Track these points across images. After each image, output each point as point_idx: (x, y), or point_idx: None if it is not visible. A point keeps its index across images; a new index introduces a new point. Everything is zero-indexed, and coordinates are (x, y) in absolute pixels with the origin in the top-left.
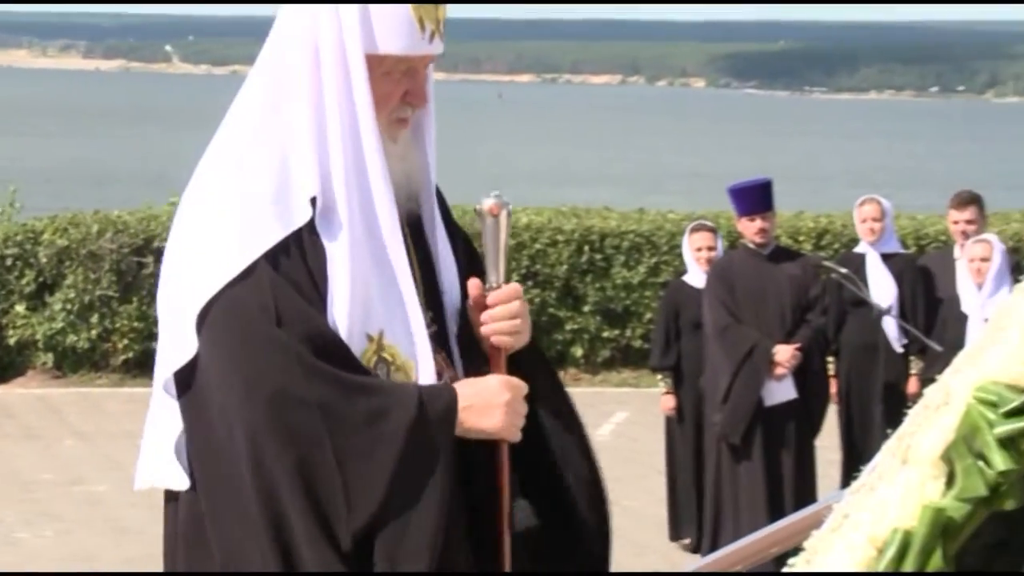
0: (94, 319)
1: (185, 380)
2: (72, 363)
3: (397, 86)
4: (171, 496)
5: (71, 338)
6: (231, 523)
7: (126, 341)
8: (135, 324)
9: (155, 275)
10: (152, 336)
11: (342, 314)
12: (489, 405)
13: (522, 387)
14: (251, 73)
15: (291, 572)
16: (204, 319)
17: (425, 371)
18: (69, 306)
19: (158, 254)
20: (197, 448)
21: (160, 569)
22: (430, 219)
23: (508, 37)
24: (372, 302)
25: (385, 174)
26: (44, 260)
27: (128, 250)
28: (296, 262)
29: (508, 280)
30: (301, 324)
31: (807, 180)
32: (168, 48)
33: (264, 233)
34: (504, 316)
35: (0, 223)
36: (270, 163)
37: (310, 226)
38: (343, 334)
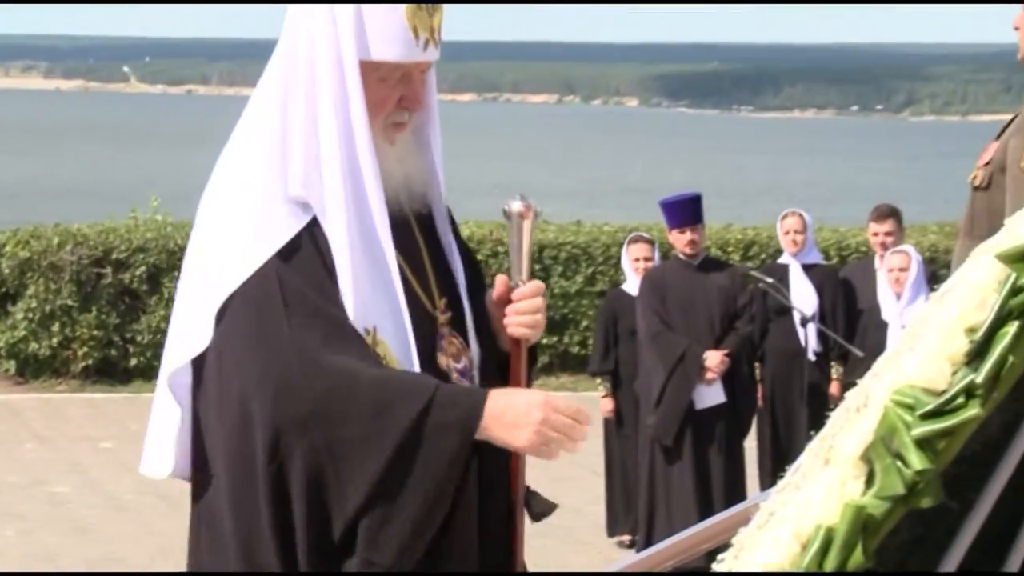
0: (55, 328)
1: (198, 370)
2: (34, 370)
3: (393, 91)
4: (192, 482)
5: (32, 346)
6: (242, 505)
7: (86, 349)
8: (94, 332)
9: (113, 285)
10: (111, 344)
11: (346, 308)
12: (519, 422)
13: (563, 407)
14: (263, 77)
15: (290, 557)
16: (223, 313)
17: (403, 358)
18: (31, 315)
19: (116, 265)
20: (209, 434)
21: (119, 568)
22: (440, 215)
23: (451, 58)
24: (367, 298)
25: (376, 176)
26: (6, 271)
27: (87, 261)
28: (312, 255)
29: (531, 277)
30: (317, 317)
31: (735, 194)
32: (125, 69)
33: (278, 230)
34: (528, 311)
35: None
36: (276, 164)
37: (316, 223)
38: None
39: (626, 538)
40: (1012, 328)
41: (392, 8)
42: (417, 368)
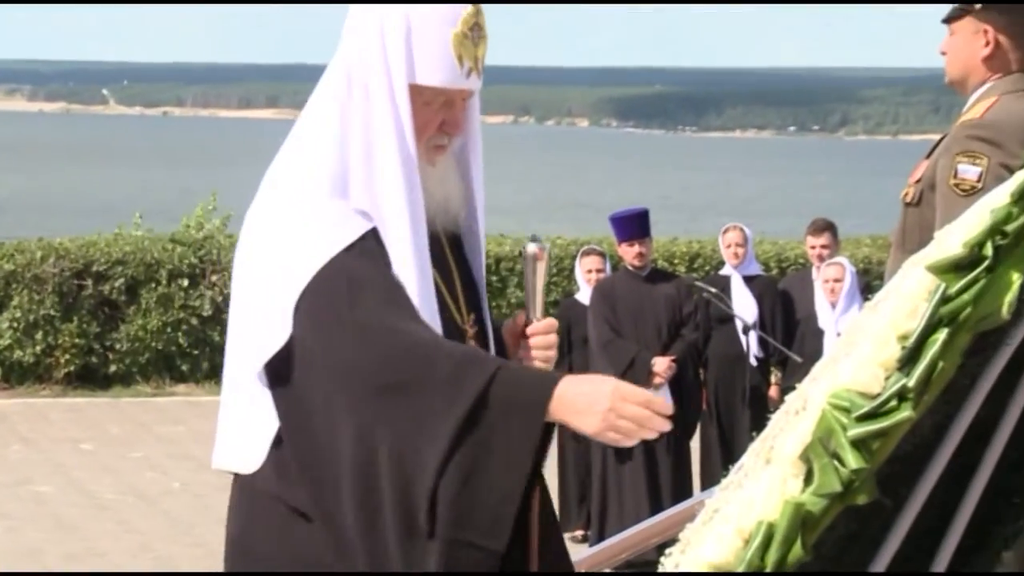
0: (38, 336)
1: (278, 364)
2: (18, 376)
3: (435, 115)
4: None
5: (18, 353)
6: (364, 501)
7: (68, 356)
8: (76, 340)
9: (94, 296)
10: (91, 351)
11: None
12: (590, 408)
13: (631, 396)
14: (316, 94)
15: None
16: (298, 308)
17: None
18: (16, 324)
19: (96, 277)
20: (296, 426)
21: (99, 563)
22: (473, 235)
23: None
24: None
25: (420, 194)
26: None
27: (69, 274)
28: (379, 252)
29: (546, 313)
30: (391, 298)
31: (681, 209)
32: (105, 92)
33: (346, 230)
34: (542, 346)
35: None
36: (338, 177)
37: (376, 232)
38: None
39: (579, 533)
40: (942, 335)
41: (440, 36)
42: None
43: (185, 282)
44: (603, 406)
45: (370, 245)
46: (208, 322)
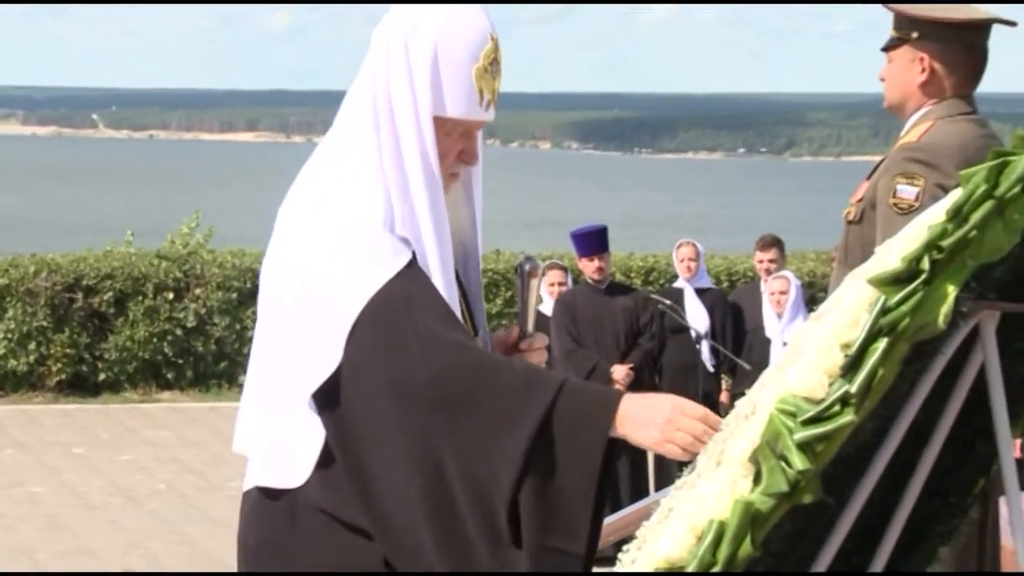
0: (31, 346)
1: (331, 387)
2: (13, 384)
3: (454, 145)
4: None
5: (12, 362)
6: (437, 515)
7: (59, 365)
8: (67, 350)
9: (84, 309)
10: (82, 360)
11: None
12: (651, 421)
13: (689, 411)
14: (342, 120)
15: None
16: (353, 333)
17: None
18: (10, 335)
19: (86, 291)
20: (352, 443)
21: (89, 559)
22: (474, 260)
23: None
24: None
25: (447, 222)
26: None
27: (60, 287)
28: (426, 276)
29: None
30: (445, 318)
31: (637, 226)
32: (94, 116)
33: (394, 257)
34: (536, 360)
35: None
36: (379, 203)
37: (415, 258)
38: None
39: None
40: (882, 344)
41: (464, 70)
42: None
43: (170, 295)
44: (662, 419)
45: (416, 270)
46: (192, 333)
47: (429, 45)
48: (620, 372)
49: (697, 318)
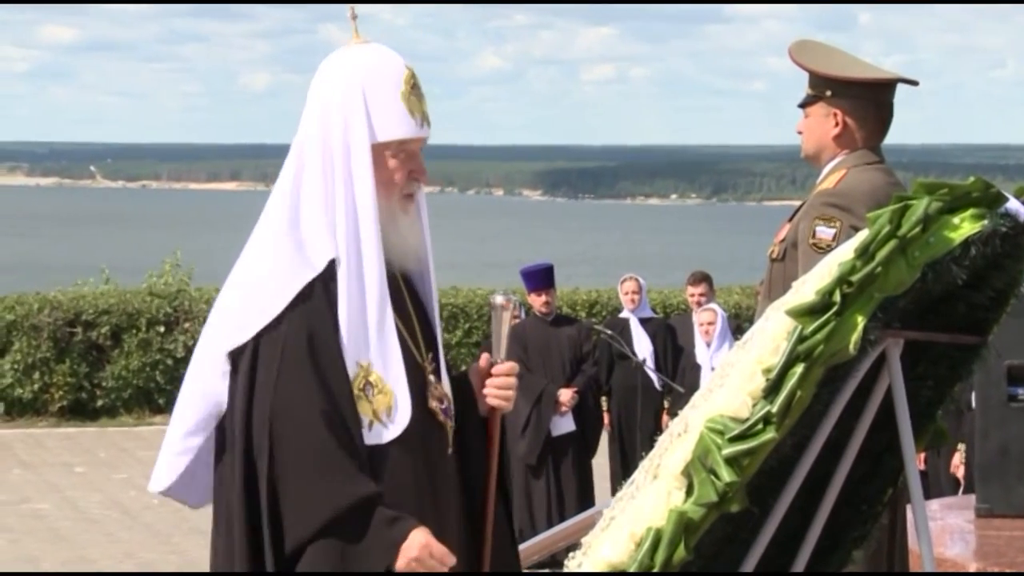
0: (36, 376)
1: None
2: (19, 409)
3: (402, 166)
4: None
5: (18, 390)
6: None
7: (61, 392)
8: (68, 379)
9: (83, 341)
10: (82, 388)
11: (342, 344)
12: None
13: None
14: (289, 157)
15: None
16: (237, 358)
17: (401, 396)
18: (16, 366)
19: (85, 325)
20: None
21: (89, 569)
22: (428, 278)
23: None
24: (363, 339)
25: (378, 241)
26: None
27: (62, 322)
28: (320, 302)
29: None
30: (311, 374)
31: (582, 263)
32: (92, 168)
33: (289, 284)
34: (503, 386)
35: None
36: (292, 228)
37: (330, 276)
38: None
39: None
40: (799, 369)
41: (391, 96)
42: (407, 394)
43: (162, 329)
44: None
45: (314, 298)
46: (182, 363)
47: (357, 86)
48: (566, 395)
49: (642, 345)
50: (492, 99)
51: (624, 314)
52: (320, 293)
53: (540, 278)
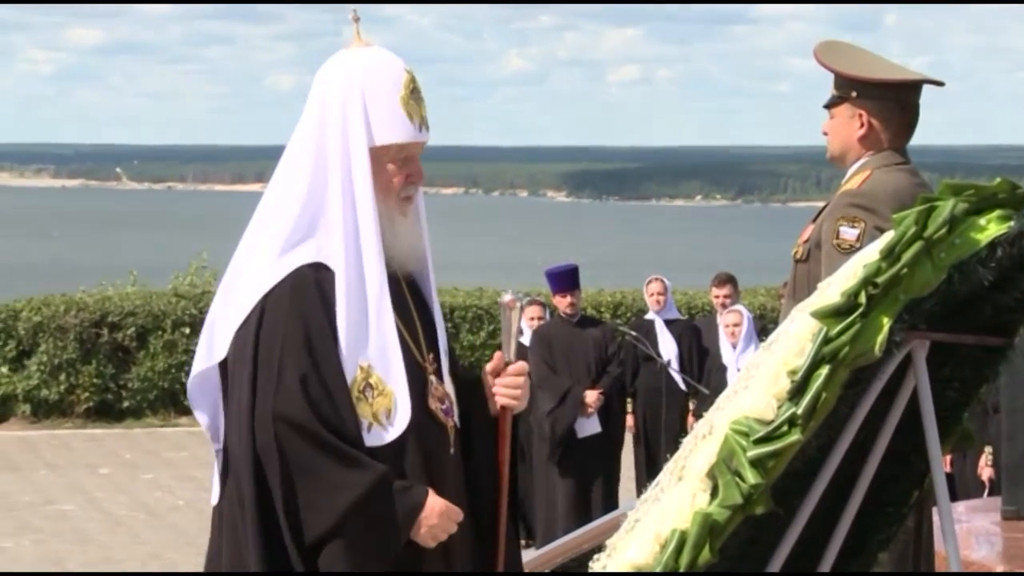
0: (62, 377)
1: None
2: (45, 411)
3: (401, 170)
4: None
5: (44, 392)
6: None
7: (87, 394)
8: (94, 381)
9: (109, 343)
10: (107, 390)
11: (341, 345)
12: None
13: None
14: (284, 156)
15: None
16: (233, 346)
17: (401, 398)
18: (43, 368)
19: (111, 327)
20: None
21: (114, 570)
22: (429, 279)
23: None
24: (363, 340)
25: (378, 243)
26: (23, 332)
27: (88, 324)
28: (316, 300)
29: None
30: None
31: (607, 265)
32: (118, 169)
33: (288, 279)
34: (512, 385)
35: None
36: (296, 230)
37: (327, 277)
38: (343, 361)
39: (522, 541)
40: (824, 371)
41: (391, 100)
42: (407, 396)
43: (187, 330)
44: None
45: (309, 293)
46: None
47: (357, 91)
48: (592, 396)
49: (667, 346)
50: (517, 100)
51: (649, 315)
52: (316, 292)
53: (565, 279)
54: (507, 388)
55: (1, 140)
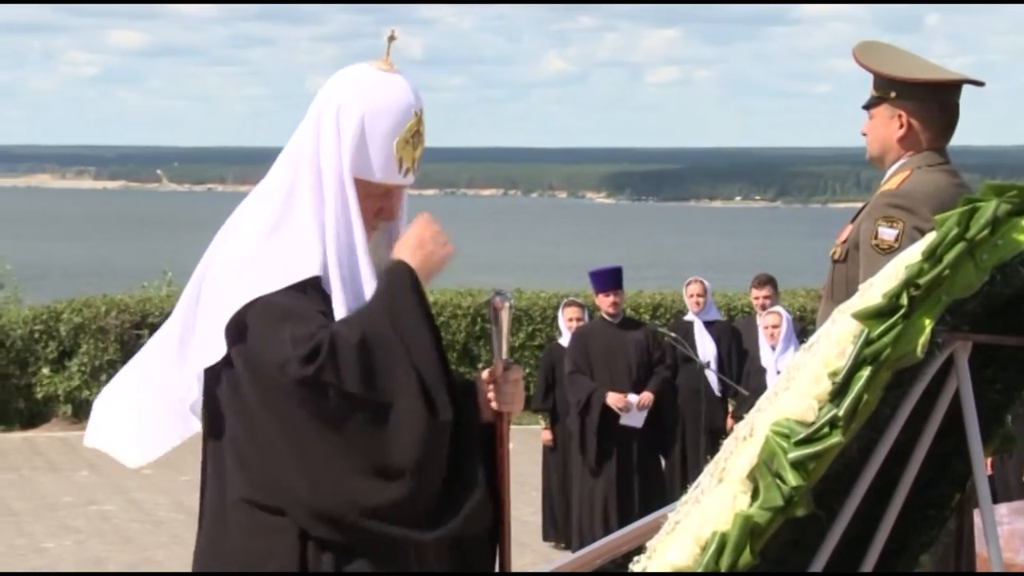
0: (103, 378)
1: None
2: (86, 412)
3: (374, 203)
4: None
5: (85, 393)
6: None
7: None
8: None
9: None
10: None
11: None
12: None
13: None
14: (276, 165)
15: None
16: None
17: None
18: (83, 368)
19: (152, 328)
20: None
21: (153, 568)
22: None
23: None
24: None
25: (367, 259)
26: (64, 333)
27: (129, 325)
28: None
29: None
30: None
31: (646, 266)
32: (158, 171)
33: (300, 268)
34: (510, 390)
35: (8, 308)
36: (285, 240)
37: (323, 296)
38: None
39: (557, 543)
40: (866, 372)
41: (385, 144)
42: None
43: None
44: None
45: (309, 294)
46: None
47: (358, 116)
48: (644, 399)
49: (706, 348)
50: (556, 101)
51: (689, 317)
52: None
53: (608, 279)
54: (502, 393)
55: (43, 142)
